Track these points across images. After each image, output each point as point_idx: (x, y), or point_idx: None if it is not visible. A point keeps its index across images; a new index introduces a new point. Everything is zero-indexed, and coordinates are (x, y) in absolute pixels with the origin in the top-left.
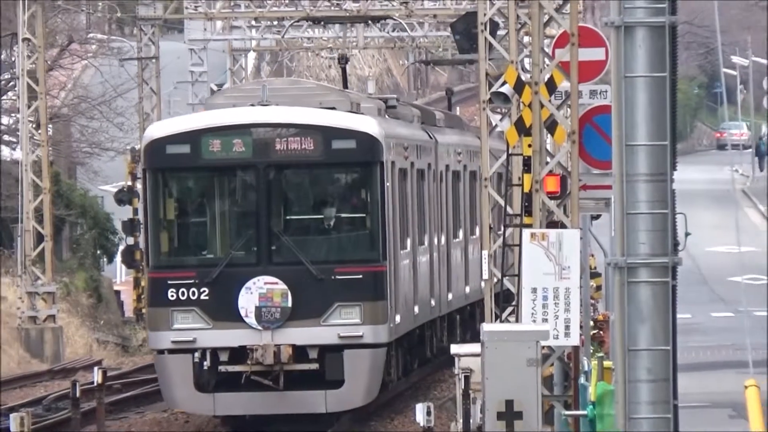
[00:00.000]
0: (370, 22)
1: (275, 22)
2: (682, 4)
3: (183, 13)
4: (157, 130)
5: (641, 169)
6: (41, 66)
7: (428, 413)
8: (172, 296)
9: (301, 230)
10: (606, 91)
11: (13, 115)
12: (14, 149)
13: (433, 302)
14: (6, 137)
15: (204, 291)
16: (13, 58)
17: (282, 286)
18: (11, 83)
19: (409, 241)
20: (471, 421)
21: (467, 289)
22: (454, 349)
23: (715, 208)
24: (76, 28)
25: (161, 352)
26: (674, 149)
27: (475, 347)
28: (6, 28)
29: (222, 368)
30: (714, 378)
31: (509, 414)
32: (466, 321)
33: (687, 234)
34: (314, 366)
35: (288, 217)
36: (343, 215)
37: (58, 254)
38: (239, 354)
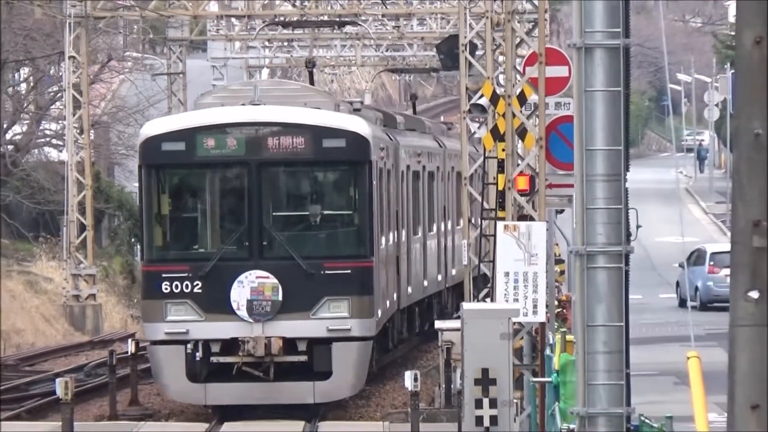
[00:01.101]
0: (365, 43)
1: (285, 43)
2: (634, 29)
3: (206, 35)
4: (153, 127)
5: (599, 171)
6: (84, 80)
7: (415, 379)
8: (166, 289)
9: (291, 226)
10: (569, 103)
11: (60, 122)
12: (61, 151)
13: (410, 289)
14: (54, 141)
15: (197, 284)
16: (60, 73)
17: (273, 280)
18: (59, 94)
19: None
20: (452, 386)
21: (439, 278)
22: (438, 324)
23: (663, 204)
24: (114, 48)
25: (155, 342)
26: (627, 153)
27: (455, 323)
28: (54, 48)
29: (214, 359)
30: (661, 350)
31: (485, 380)
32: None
33: (638, 226)
34: (303, 358)
35: (279, 214)
36: (333, 212)
37: (98, 242)
38: (231, 345)
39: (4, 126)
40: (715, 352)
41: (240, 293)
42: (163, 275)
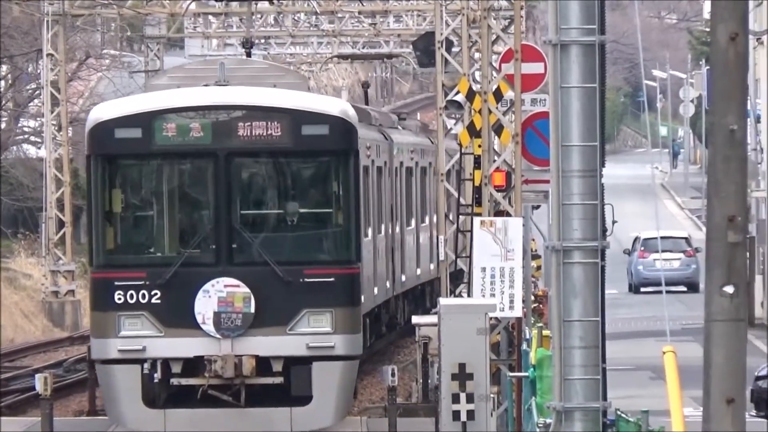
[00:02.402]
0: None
1: (263, 40)
2: (609, 26)
3: (184, 33)
4: (104, 111)
5: (575, 166)
6: (62, 77)
7: (393, 374)
8: (119, 299)
9: (266, 227)
10: (545, 100)
11: (38, 119)
12: (39, 148)
13: (388, 284)
14: (32, 138)
15: (155, 294)
16: (38, 71)
17: (244, 289)
18: (37, 92)
19: (370, 230)
20: (429, 381)
21: (418, 272)
22: (415, 319)
23: (638, 199)
24: (92, 45)
25: (106, 361)
26: (603, 149)
27: (433, 318)
28: (32, 45)
29: (174, 381)
30: (637, 345)
31: (462, 375)
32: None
33: (614, 222)
34: (279, 380)
35: (251, 212)
36: (314, 210)
37: (77, 238)
38: (194, 365)
39: None
40: (690, 346)
41: (206, 304)
42: (116, 283)
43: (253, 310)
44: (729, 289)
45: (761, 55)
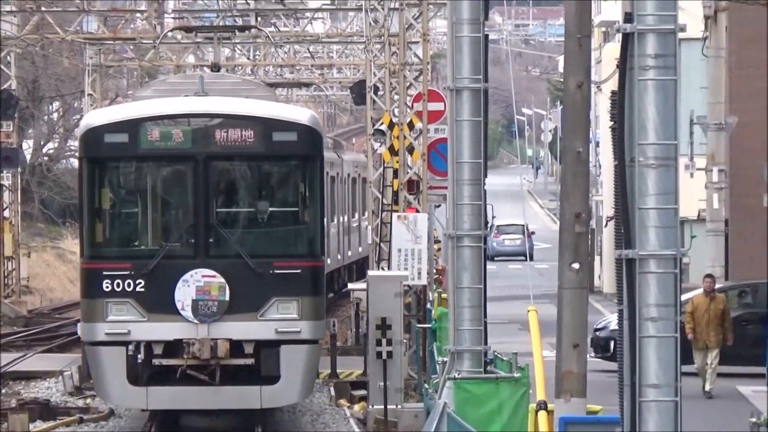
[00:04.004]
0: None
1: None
2: (491, 76)
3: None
4: (95, 118)
5: (465, 177)
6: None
7: (334, 325)
8: (107, 287)
9: (239, 223)
10: (444, 129)
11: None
12: None
13: (339, 256)
14: (77, 154)
15: (140, 283)
16: (82, 106)
17: (220, 279)
18: (80, 121)
19: (327, 220)
20: (360, 330)
21: (360, 249)
22: (350, 285)
23: (511, 201)
24: (120, 87)
25: (94, 343)
26: (485, 165)
27: (362, 285)
28: (77, 87)
29: (156, 361)
30: (509, 305)
31: (383, 326)
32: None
33: (493, 217)
34: (250, 361)
35: (227, 210)
36: (283, 209)
37: None
38: (174, 347)
39: (41, 143)
40: (547, 307)
41: (185, 293)
42: (104, 273)
43: (227, 298)
44: (575, 266)
45: (600, 98)
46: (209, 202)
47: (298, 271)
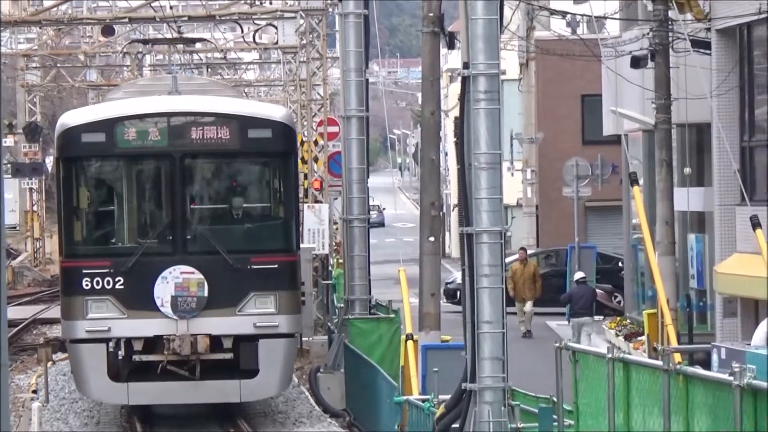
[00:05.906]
0: None
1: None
2: (372, 107)
3: None
4: (72, 117)
5: (355, 178)
6: None
7: None
8: (87, 285)
9: (217, 220)
10: (339, 145)
11: None
12: None
13: None
14: None
15: (119, 280)
16: None
17: (198, 275)
18: None
19: None
20: None
21: None
22: None
23: (388, 194)
24: None
25: (75, 341)
26: (368, 169)
27: None
28: (84, 104)
29: (136, 357)
30: (386, 267)
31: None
32: None
33: (378, 206)
34: (229, 356)
35: (204, 207)
36: (258, 205)
37: None
38: (154, 343)
39: None
40: (413, 267)
41: (164, 289)
42: (84, 271)
43: (206, 294)
44: (431, 239)
45: (447, 122)
46: (186, 199)
47: (275, 266)
